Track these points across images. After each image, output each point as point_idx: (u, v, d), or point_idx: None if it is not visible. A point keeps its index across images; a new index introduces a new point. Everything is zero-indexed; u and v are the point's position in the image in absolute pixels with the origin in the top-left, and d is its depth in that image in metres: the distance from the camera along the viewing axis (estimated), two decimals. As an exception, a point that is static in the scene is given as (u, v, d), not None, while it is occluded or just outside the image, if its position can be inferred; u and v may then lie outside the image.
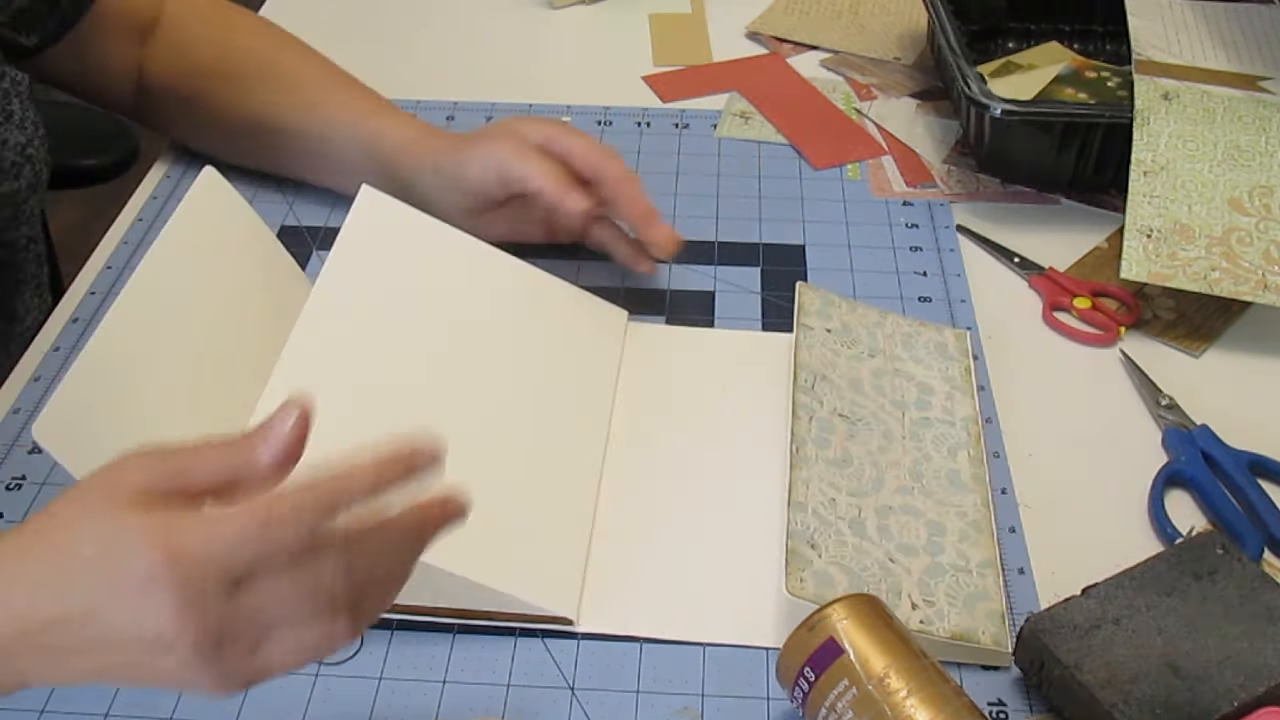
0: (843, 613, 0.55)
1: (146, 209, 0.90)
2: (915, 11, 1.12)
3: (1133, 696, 0.55)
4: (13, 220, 0.79)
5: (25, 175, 0.80)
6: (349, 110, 0.84)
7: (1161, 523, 0.67)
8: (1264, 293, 0.77)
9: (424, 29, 1.12)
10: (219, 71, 0.86)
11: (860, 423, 0.70)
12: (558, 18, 1.14)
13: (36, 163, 0.81)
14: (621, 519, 0.68)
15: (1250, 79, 0.89)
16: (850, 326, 0.76)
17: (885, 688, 0.52)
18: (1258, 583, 0.59)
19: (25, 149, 0.80)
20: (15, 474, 0.69)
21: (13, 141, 0.79)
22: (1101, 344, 0.79)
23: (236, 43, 0.87)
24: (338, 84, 0.86)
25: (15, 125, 0.79)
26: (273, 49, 0.87)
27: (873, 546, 0.64)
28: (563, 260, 0.84)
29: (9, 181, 0.78)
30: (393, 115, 0.84)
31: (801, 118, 1.00)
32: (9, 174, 0.78)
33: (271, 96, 0.85)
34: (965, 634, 0.60)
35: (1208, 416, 0.73)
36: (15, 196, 0.79)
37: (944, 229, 0.88)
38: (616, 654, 0.62)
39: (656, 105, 1.02)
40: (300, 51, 0.88)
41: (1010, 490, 0.69)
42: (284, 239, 0.86)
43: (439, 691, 0.60)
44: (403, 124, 0.83)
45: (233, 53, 0.87)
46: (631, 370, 0.76)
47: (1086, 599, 0.59)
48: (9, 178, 0.78)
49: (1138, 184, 0.81)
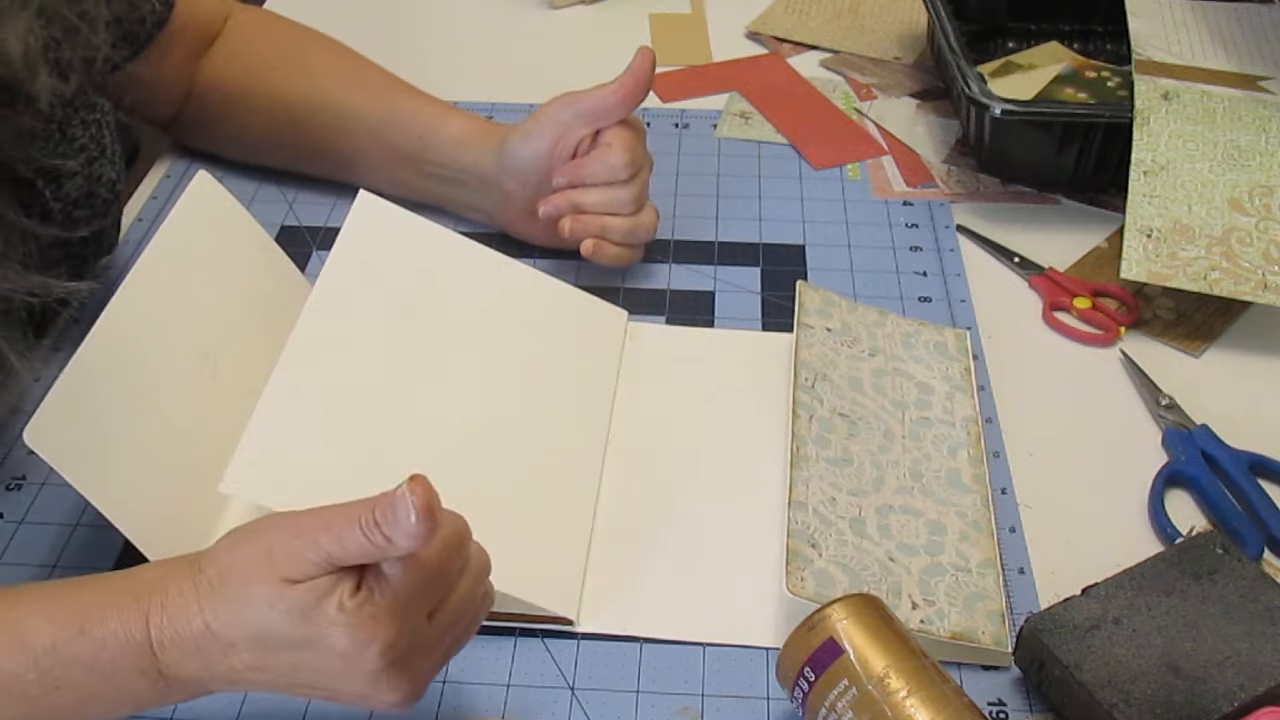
0: (843, 612, 0.55)
1: (146, 209, 0.90)
2: (915, 11, 1.12)
3: (1132, 696, 0.55)
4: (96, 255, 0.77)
5: (113, 212, 0.77)
6: (412, 99, 0.86)
7: (1161, 523, 0.67)
8: (1264, 293, 0.77)
9: (424, 29, 1.12)
10: (281, 65, 0.87)
11: (860, 422, 0.70)
12: (558, 18, 1.14)
13: (121, 199, 0.79)
14: (621, 518, 0.68)
15: (1250, 79, 0.89)
16: (850, 326, 0.76)
17: (885, 688, 0.52)
18: (1258, 583, 0.59)
19: (115, 185, 0.76)
20: (15, 474, 0.69)
21: (106, 178, 0.75)
22: (1101, 344, 0.79)
23: (297, 45, 0.89)
24: (397, 84, 0.88)
25: (109, 161, 0.75)
26: (330, 52, 0.89)
27: (873, 546, 0.64)
28: (563, 260, 0.84)
29: (99, 219, 0.75)
30: (452, 110, 0.86)
31: (801, 118, 1.00)
32: (100, 211, 0.75)
33: (335, 81, 0.87)
34: (965, 634, 0.60)
35: (1208, 416, 0.73)
36: (102, 235, 0.77)
37: (944, 229, 0.88)
38: (616, 654, 0.62)
39: (656, 105, 1.02)
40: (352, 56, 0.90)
41: (1010, 490, 0.69)
42: (284, 239, 0.86)
43: (439, 691, 0.60)
44: (465, 117, 0.85)
45: (297, 51, 0.88)
46: (631, 370, 0.76)
47: (1086, 599, 0.59)
48: (99, 215, 0.75)
49: (1138, 184, 0.81)
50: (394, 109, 0.85)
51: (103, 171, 0.74)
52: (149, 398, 0.63)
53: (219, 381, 0.67)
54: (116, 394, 0.61)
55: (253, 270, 0.72)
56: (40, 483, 0.69)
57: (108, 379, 0.61)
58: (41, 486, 0.69)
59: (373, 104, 0.85)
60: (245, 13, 0.91)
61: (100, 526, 0.58)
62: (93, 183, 0.73)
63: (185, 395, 0.65)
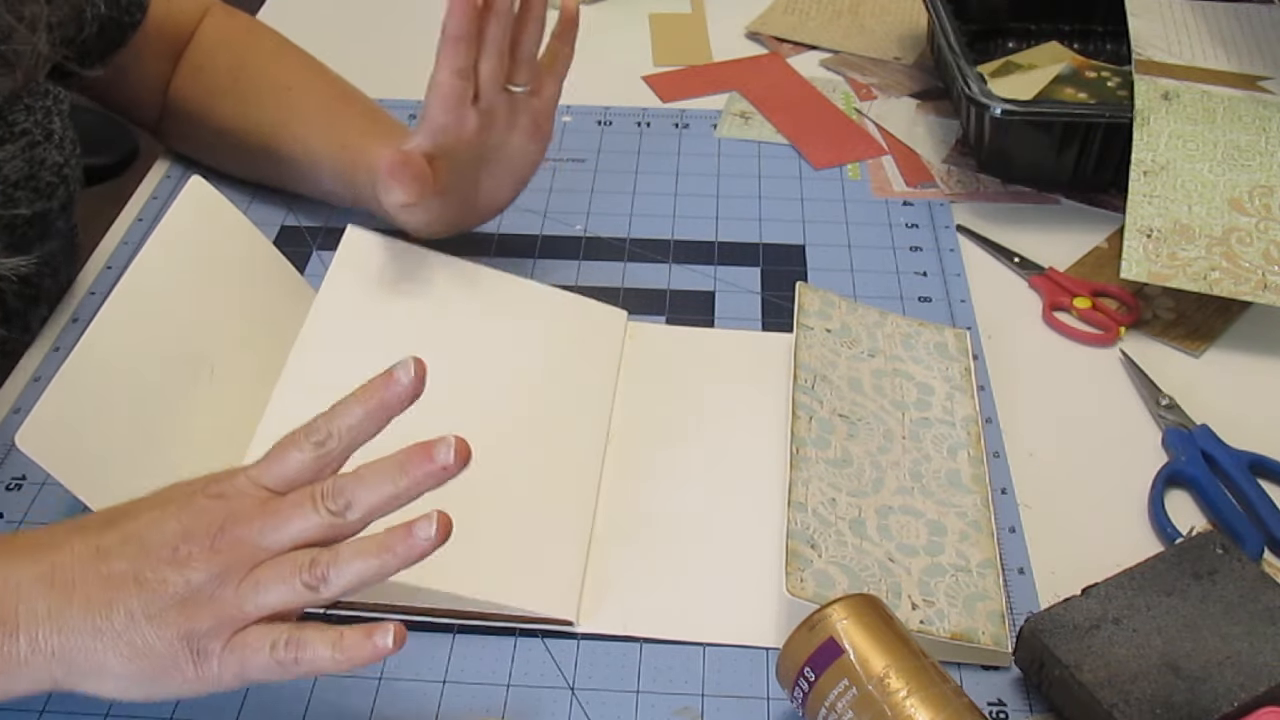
0: (843, 613, 0.55)
1: (147, 209, 0.90)
2: (915, 11, 1.12)
3: (1132, 696, 0.55)
4: (40, 238, 0.79)
5: (59, 195, 0.79)
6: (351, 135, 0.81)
7: (1161, 523, 0.67)
8: (1264, 293, 0.77)
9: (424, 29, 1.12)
10: (232, 90, 0.87)
11: (860, 423, 0.70)
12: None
13: (71, 183, 0.80)
14: (622, 519, 0.68)
15: (1250, 79, 0.89)
16: (850, 326, 0.76)
17: (885, 688, 0.52)
18: (1258, 583, 0.59)
19: (62, 169, 0.78)
20: (15, 474, 0.69)
21: (50, 161, 0.77)
22: (1101, 344, 0.79)
23: (252, 65, 0.87)
24: (339, 111, 0.84)
25: (55, 145, 0.77)
26: (286, 74, 0.87)
27: (873, 546, 0.64)
28: (563, 260, 0.84)
29: (42, 201, 0.77)
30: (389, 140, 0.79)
31: (801, 118, 1.00)
32: (43, 193, 0.77)
33: (282, 114, 0.85)
34: (965, 634, 0.60)
35: (1208, 416, 0.73)
36: (47, 216, 0.78)
37: (944, 229, 0.88)
38: (616, 654, 0.62)
39: (656, 105, 1.02)
40: (312, 75, 0.87)
41: (1010, 490, 0.69)
42: (284, 239, 0.86)
43: (439, 691, 0.60)
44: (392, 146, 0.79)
45: (248, 74, 0.87)
46: (631, 370, 0.76)
47: (1086, 599, 0.59)
48: (42, 197, 0.77)
49: (1138, 184, 0.81)
50: (343, 146, 0.81)
51: (46, 155, 0.77)
52: (143, 400, 0.63)
53: (215, 384, 0.67)
54: (110, 396, 0.61)
55: (248, 273, 0.73)
56: (40, 483, 0.69)
57: (102, 381, 0.61)
58: (41, 486, 0.69)
59: (321, 140, 0.82)
60: (213, 17, 0.90)
61: (100, 527, 0.59)
62: (34, 165, 0.76)
63: (180, 398, 0.65)
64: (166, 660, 0.50)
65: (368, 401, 0.53)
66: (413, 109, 1.00)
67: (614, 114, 1.00)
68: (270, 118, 0.85)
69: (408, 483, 0.51)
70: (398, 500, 0.52)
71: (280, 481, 0.53)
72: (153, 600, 0.50)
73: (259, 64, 0.88)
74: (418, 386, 0.53)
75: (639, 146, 0.97)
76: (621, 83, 1.05)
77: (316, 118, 0.84)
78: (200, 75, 0.88)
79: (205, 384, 0.67)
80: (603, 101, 1.01)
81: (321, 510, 0.51)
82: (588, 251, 0.86)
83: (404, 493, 0.51)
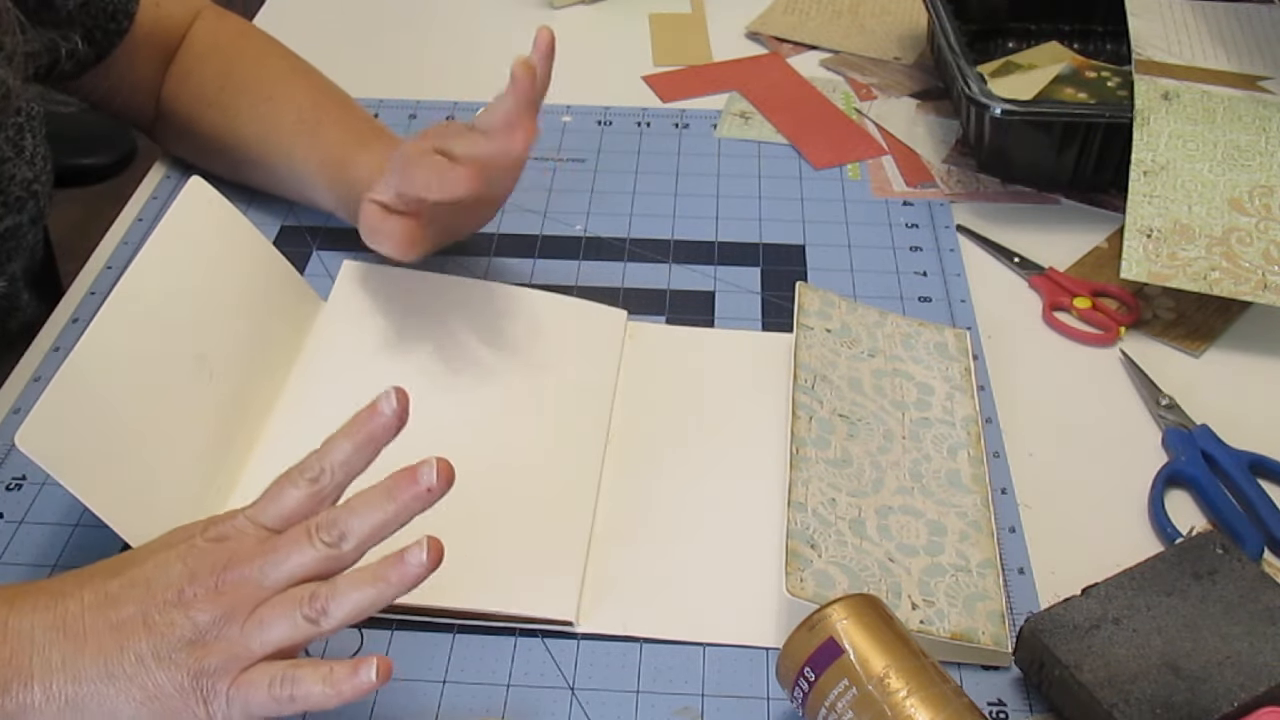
0: (843, 613, 0.55)
1: (146, 209, 0.90)
2: (915, 11, 1.12)
3: (1132, 696, 0.55)
4: (13, 253, 0.79)
5: (29, 210, 0.79)
6: (331, 148, 0.81)
7: (1161, 523, 0.67)
8: (1264, 293, 0.77)
9: (424, 29, 1.13)
10: (216, 101, 0.86)
11: (860, 423, 0.70)
12: (558, 18, 1.14)
13: (41, 198, 0.80)
14: (622, 519, 0.68)
15: (1250, 79, 0.89)
16: (850, 326, 0.76)
17: (885, 688, 0.52)
18: (1258, 583, 0.59)
19: (31, 185, 0.79)
20: (15, 474, 0.69)
21: (20, 177, 0.77)
22: (1101, 344, 0.79)
23: (238, 74, 0.87)
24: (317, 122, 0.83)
25: (25, 161, 0.78)
26: (268, 84, 0.86)
27: (873, 546, 0.64)
28: (563, 260, 0.84)
29: (12, 216, 0.78)
30: (369, 149, 0.79)
31: (801, 118, 1.00)
32: (13, 208, 0.77)
33: (263, 127, 0.84)
34: (965, 634, 0.60)
35: (1208, 416, 0.73)
36: (17, 231, 0.79)
37: (944, 229, 0.88)
38: (616, 654, 0.61)
39: (656, 105, 1.02)
40: (294, 85, 0.86)
41: (1010, 490, 0.69)
42: (284, 239, 0.86)
43: (439, 691, 0.60)
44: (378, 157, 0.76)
45: (233, 84, 0.86)
46: (631, 370, 0.76)
47: (1086, 599, 0.59)
48: (12, 212, 0.78)
49: (1138, 184, 0.81)
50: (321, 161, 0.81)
51: (15, 171, 0.77)
52: (143, 400, 0.63)
53: (214, 384, 0.67)
54: (110, 396, 0.61)
55: (248, 274, 0.73)
56: (40, 483, 0.69)
57: (102, 381, 0.61)
58: (41, 486, 0.69)
59: (302, 153, 0.82)
60: (204, 20, 0.90)
61: (100, 527, 0.58)
62: (3, 181, 0.76)
63: (180, 398, 0.65)
64: (177, 702, 0.51)
65: (355, 435, 0.54)
66: (411, 109, 1.00)
67: (614, 114, 1.00)
68: (253, 131, 0.85)
69: (396, 508, 0.52)
70: (389, 526, 0.52)
71: (278, 520, 0.54)
72: (161, 642, 0.51)
73: (244, 72, 0.87)
74: (402, 416, 0.54)
75: (639, 146, 0.97)
76: (621, 83, 1.05)
77: (295, 130, 0.83)
78: (188, 82, 0.88)
79: (205, 384, 0.67)
80: (603, 101, 1.01)
81: (318, 543, 0.52)
82: (588, 251, 0.86)
83: (394, 518, 0.52)
